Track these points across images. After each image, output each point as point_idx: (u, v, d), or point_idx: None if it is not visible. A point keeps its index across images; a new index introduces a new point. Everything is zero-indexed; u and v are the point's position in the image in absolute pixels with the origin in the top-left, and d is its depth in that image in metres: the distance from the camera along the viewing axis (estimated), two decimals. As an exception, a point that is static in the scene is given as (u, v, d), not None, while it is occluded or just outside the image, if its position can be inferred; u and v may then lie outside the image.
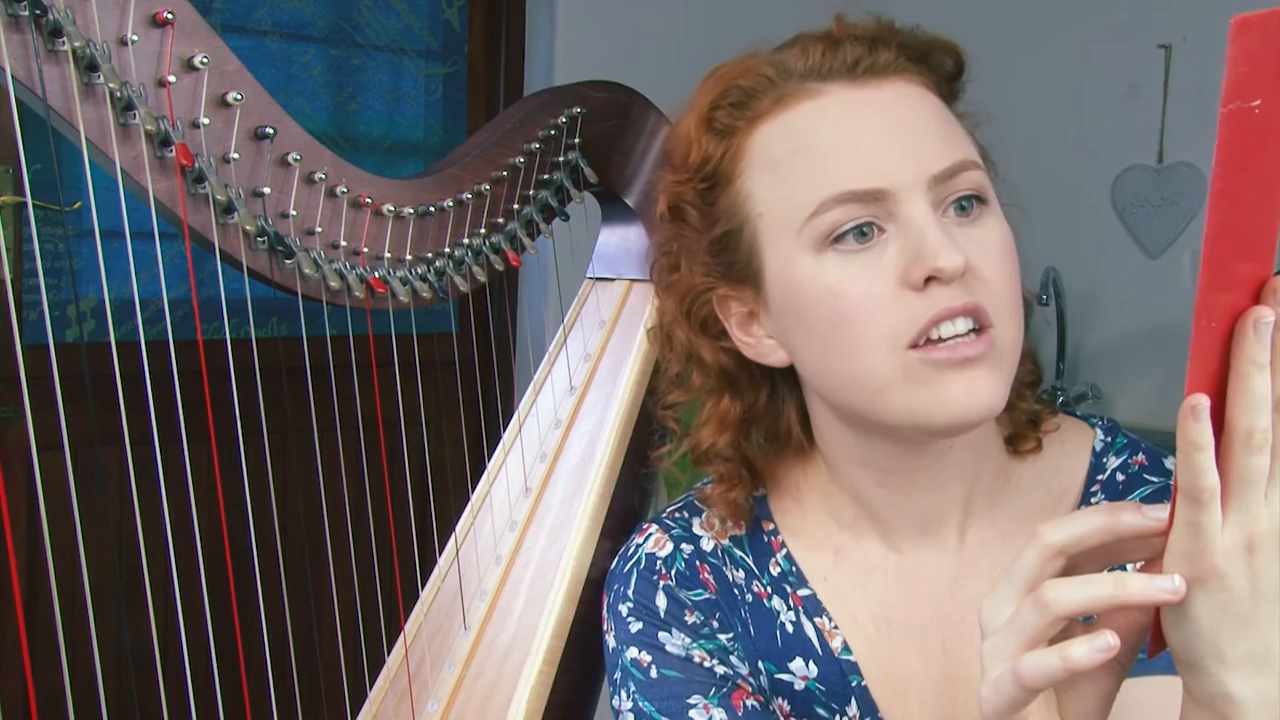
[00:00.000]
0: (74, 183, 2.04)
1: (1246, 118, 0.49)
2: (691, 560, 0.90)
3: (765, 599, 0.88)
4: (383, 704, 0.97)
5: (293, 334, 0.91)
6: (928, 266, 0.74)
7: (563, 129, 1.05)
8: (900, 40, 0.81)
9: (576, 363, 1.12)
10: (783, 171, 0.79)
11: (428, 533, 1.05)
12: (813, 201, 0.77)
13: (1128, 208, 2.73)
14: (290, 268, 0.87)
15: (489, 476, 1.09)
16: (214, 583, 0.85)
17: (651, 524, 0.93)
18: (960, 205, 0.78)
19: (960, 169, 0.77)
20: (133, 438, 0.76)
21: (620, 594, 0.90)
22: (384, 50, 2.63)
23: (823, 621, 0.86)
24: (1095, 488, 0.88)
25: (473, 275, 1.00)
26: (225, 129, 0.81)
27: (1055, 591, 0.58)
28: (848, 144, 0.77)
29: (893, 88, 0.79)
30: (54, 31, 0.71)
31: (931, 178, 0.76)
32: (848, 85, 0.79)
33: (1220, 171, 0.51)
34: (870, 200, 0.76)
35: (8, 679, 2.07)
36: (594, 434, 1.05)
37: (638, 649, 0.88)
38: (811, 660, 0.86)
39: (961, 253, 0.74)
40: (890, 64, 0.79)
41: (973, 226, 0.78)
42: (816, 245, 0.77)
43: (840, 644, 0.86)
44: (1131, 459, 0.89)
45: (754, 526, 0.90)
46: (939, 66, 0.82)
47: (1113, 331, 2.76)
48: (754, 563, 0.89)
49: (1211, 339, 0.56)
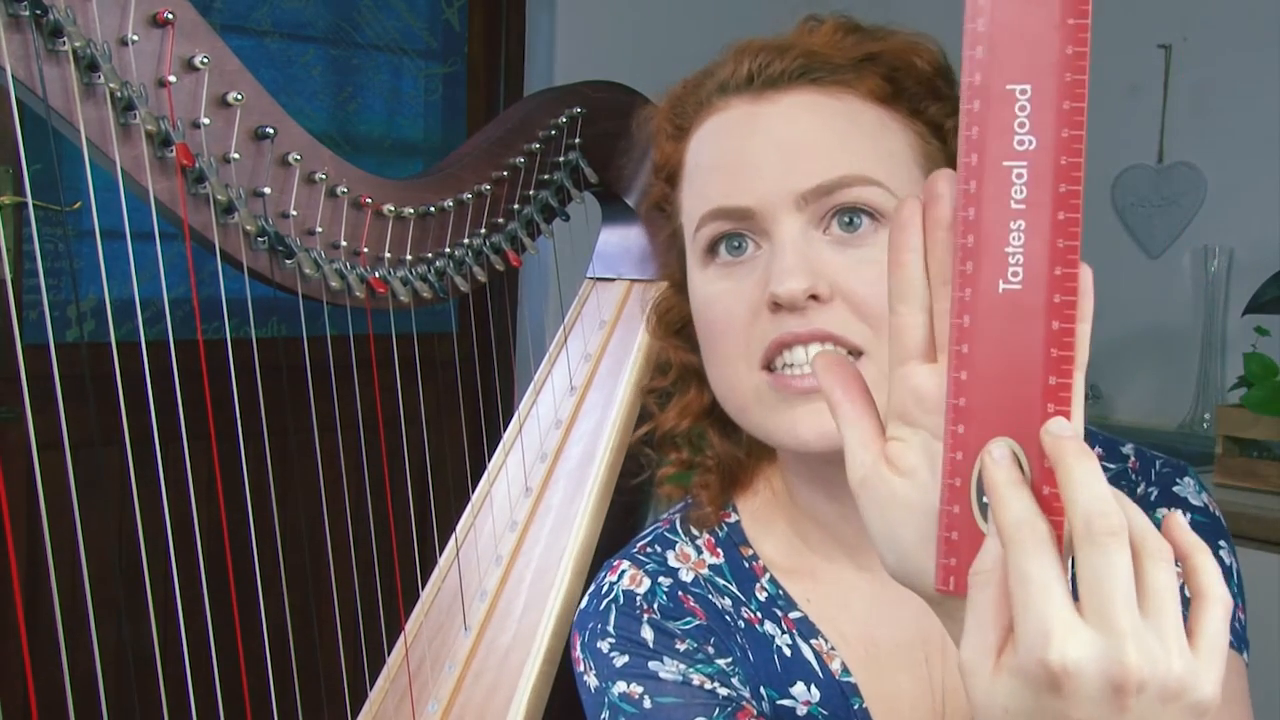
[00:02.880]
0: (74, 183, 2.04)
1: None
2: (673, 592, 0.85)
3: (757, 624, 0.84)
4: (383, 704, 0.97)
5: (293, 334, 0.91)
6: (771, 289, 0.73)
7: (563, 129, 1.05)
8: (811, 49, 0.77)
9: (577, 363, 1.12)
10: (688, 183, 0.80)
11: (428, 532, 1.05)
12: (695, 215, 0.78)
13: (1128, 208, 2.73)
14: (291, 268, 0.87)
15: (489, 476, 1.09)
16: (214, 582, 0.85)
17: (622, 560, 0.88)
18: (845, 220, 0.75)
19: (838, 185, 0.74)
20: (133, 437, 0.76)
21: (598, 631, 0.84)
22: (384, 50, 2.63)
23: (819, 643, 0.83)
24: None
25: (473, 275, 1.00)
26: (226, 129, 0.81)
27: None
28: (724, 160, 0.77)
29: (789, 100, 0.77)
30: (54, 31, 0.71)
31: (800, 195, 0.74)
32: (747, 100, 0.78)
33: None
34: (739, 217, 0.76)
35: (8, 679, 2.07)
36: (594, 434, 1.05)
37: (626, 683, 0.82)
38: (813, 684, 0.83)
39: (807, 278, 0.73)
40: (785, 75, 0.77)
41: (856, 245, 0.75)
42: (701, 258, 0.78)
43: (839, 665, 0.83)
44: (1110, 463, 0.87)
45: (732, 554, 0.87)
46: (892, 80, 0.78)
47: (1112, 331, 2.76)
48: (739, 590, 0.86)
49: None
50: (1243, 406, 2.15)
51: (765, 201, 0.75)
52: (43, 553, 0.82)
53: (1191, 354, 2.59)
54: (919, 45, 0.80)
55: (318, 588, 1.12)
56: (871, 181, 0.75)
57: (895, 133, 0.78)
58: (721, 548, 0.87)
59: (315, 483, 1.01)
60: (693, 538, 0.88)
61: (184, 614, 0.85)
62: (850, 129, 0.76)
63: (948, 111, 0.80)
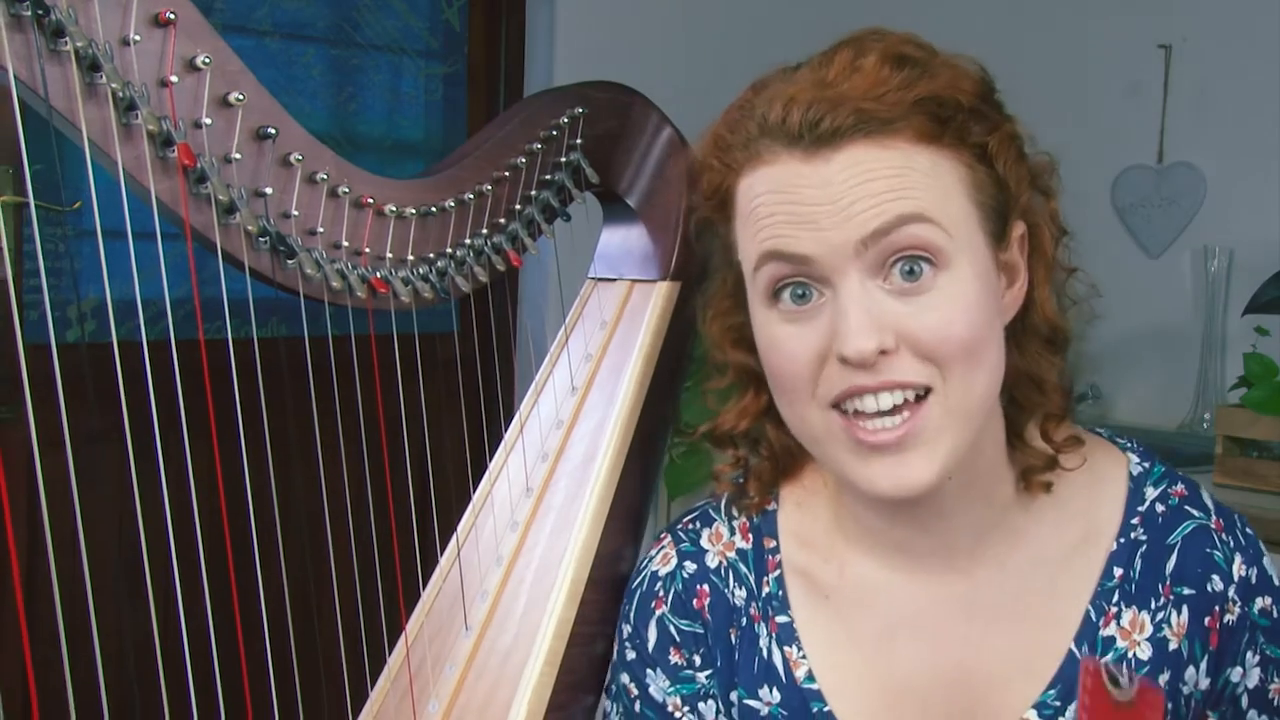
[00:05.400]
0: (75, 183, 2.04)
1: None
2: (691, 583, 0.92)
3: (756, 622, 0.90)
4: (384, 704, 0.97)
5: (294, 334, 0.91)
6: (838, 348, 0.76)
7: (564, 129, 1.05)
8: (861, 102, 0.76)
9: (578, 363, 1.12)
10: (742, 222, 0.82)
11: (428, 532, 1.05)
12: (753, 255, 0.80)
13: (1128, 208, 2.73)
14: (292, 268, 0.87)
15: (490, 476, 1.09)
16: (215, 582, 0.85)
17: (667, 534, 0.95)
18: (906, 269, 0.76)
19: (896, 225, 0.75)
20: (134, 437, 0.76)
21: (625, 614, 0.95)
22: (384, 50, 2.63)
23: (791, 650, 0.88)
24: (1136, 520, 0.87)
25: (474, 275, 1.00)
26: (227, 129, 0.81)
27: None
28: (777, 210, 0.78)
29: (841, 158, 0.76)
30: (56, 31, 0.71)
31: (859, 242, 0.75)
32: (798, 157, 0.77)
33: None
34: (798, 262, 0.77)
35: (8, 676, 2.07)
36: (595, 434, 1.05)
37: (628, 677, 0.93)
38: (775, 687, 0.88)
39: (874, 337, 0.75)
40: (837, 133, 0.76)
41: (917, 295, 0.77)
42: (764, 300, 0.80)
43: (804, 673, 0.87)
44: (1171, 489, 0.88)
45: (759, 542, 0.92)
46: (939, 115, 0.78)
47: (1113, 331, 2.76)
48: (754, 581, 0.91)
49: None
50: (1243, 406, 2.15)
51: (824, 251, 0.76)
52: (43, 552, 0.82)
53: (1191, 354, 2.59)
54: (963, 74, 0.80)
55: (319, 587, 1.12)
56: (927, 220, 0.76)
57: (946, 169, 0.78)
58: (753, 533, 0.92)
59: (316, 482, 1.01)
60: (731, 518, 0.93)
61: (185, 614, 0.85)
62: (903, 174, 0.76)
63: (990, 128, 0.80)
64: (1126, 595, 0.85)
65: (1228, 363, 2.54)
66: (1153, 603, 0.84)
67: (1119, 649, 0.84)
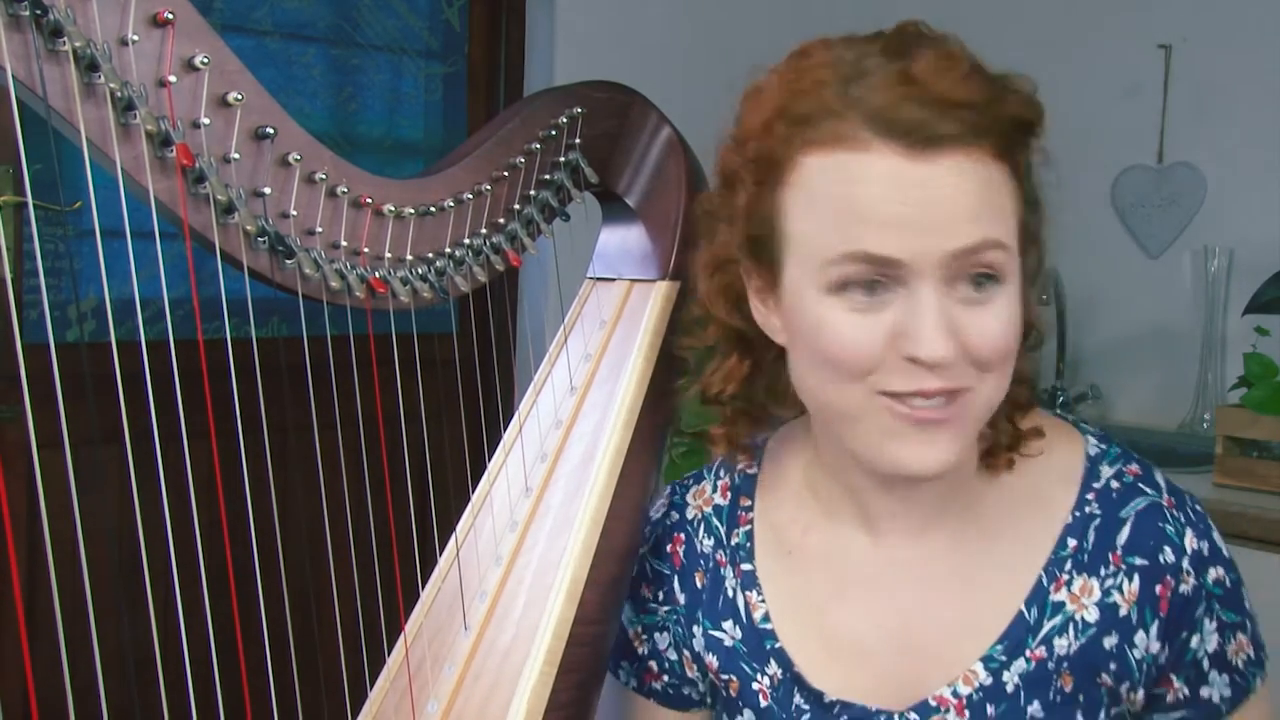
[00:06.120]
0: (74, 182, 2.04)
1: None
2: (669, 530, 1.04)
3: (722, 566, 1.00)
4: (383, 704, 0.97)
5: (293, 334, 0.91)
6: (911, 350, 0.78)
7: (563, 129, 1.05)
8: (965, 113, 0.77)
9: (577, 363, 1.12)
10: (818, 208, 0.81)
11: (428, 532, 1.05)
12: (834, 251, 0.79)
13: (1128, 208, 2.73)
14: (291, 268, 0.87)
15: (489, 476, 1.09)
16: (214, 582, 0.85)
17: (671, 484, 1.07)
18: (976, 284, 0.80)
19: (982, 248, 0.78)
20: (133, 437, 0.76)
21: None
22: (384, 50, 2.63)
23: (751, 595, 0.98)
24: (1090, 495, 0.91)
25: (473, 275, 1.00)
26: (226, 129, 0.81)
27: None
28: (880, 210, 0.78)
29: (945, 163, 0.77)
30: (54, 31, 0.71)
31: (950, 255, 0.78)
32: (901, 154, 0.77)
33: None
34: (883, 264, 0.78)
35: (8, 679, 2.07)
36: (594, 434, 1.05)
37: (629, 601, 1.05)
38: (737, 624, 0.98)
39: (950, 341, 0.78)
40: (945, 139, 0.77)
41: (982, 307, 0.80)
42: (828, 287, 0.81)
43: (761, 615, 0.97)
44: (1125, 468, 0.92)
45: (734, 500, 1.01)
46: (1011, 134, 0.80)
47: (1113, 331, 2.76)
48: (724, 532, 1.01)
49: None
50: (1243, 406, 2.15)
51: (917, 258, 0.78)
52: (43, 552, 0.82)
53: (1191, 354, 2.59)
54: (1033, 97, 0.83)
55: (318, 587, 1.12)
56: (1002, 245, 0.80)
57: (1010, 188, 0.81)
58: (731, 492, 1.02)
59: (315, 482, 1.01)
60: (718, 478, 1.03)
61: (184, 613, 0.85)
62: (987, 192, 0.79)
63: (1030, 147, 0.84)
64: (1079, 564, 0.90)
65: (1228, 363, 2.54)
66: (1102, 570, 0.89)
67: (1067, 611, 0.89)
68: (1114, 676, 0.89)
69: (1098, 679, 0.89)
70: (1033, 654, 0.89)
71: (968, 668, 0.89)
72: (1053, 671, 0.88)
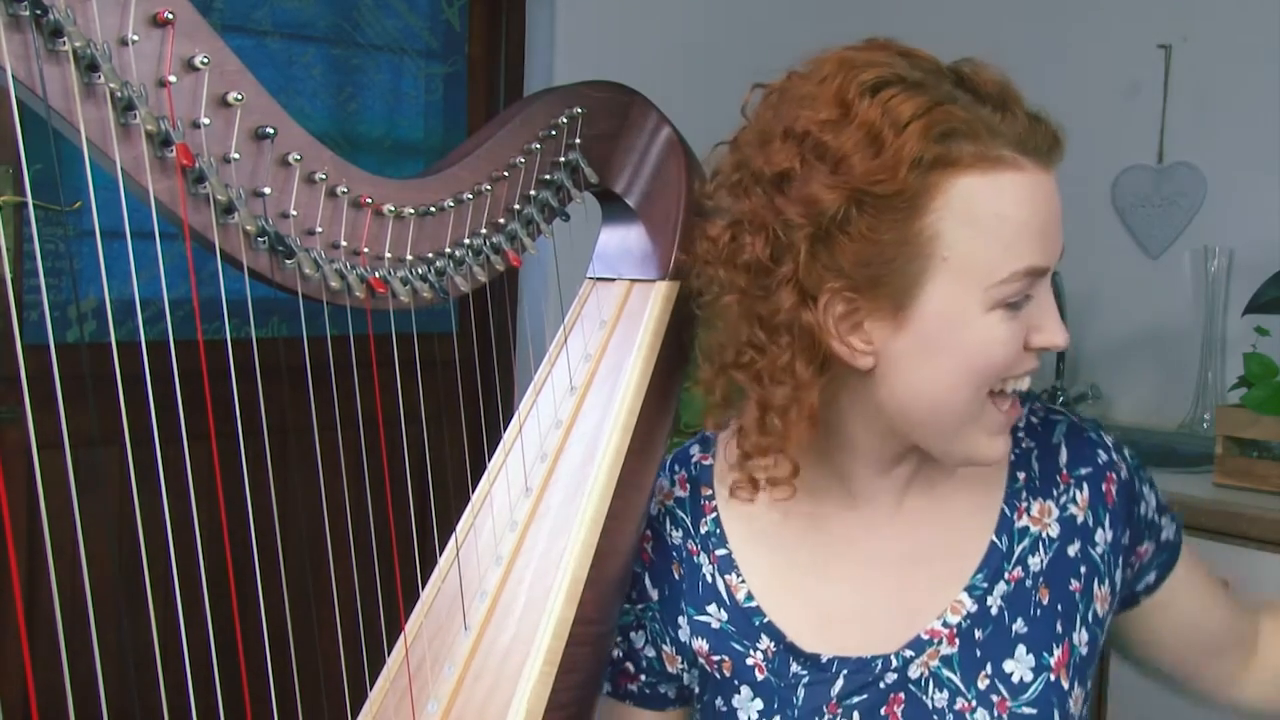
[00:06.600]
0: (74, 183, 2.04)
1: None
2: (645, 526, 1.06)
3: (695, 555, 1.05)
4: (383, 704, 0.97)
5: (293, 334, 0.91)
6: (1047, 341, 0.89)
7: (563, 129, 1.05)
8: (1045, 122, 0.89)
9: (577, 363, 1.12)
10: (982, 231, 0.86)
11: (428, 532, 1.05)
12: (1005, 269, 0.86)
13: (1128, 208, 2.73)
14: (291, 268, 0.87)
15: (489, 476, 1.09)
16: (214, 582, 0.85)
17: None
18: None
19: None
20: (133, 438, 0.76)
21: None
22: (384, 50, 2.63)
23: (731, 578, 1.03)
24: (1021, 434, 1.04)
25: (473, 275, 1.00)
26: (226, 129, 0.81)
27: None
28: (1036, 223, 0.87)
29: (1054, 172, 0.89)
30: (54, 31, 0.71)
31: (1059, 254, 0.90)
32: (1039, 167, 0.88)
33: None
34: (1041, 274, 0.88)
35: (8, 679, 2.07)
36: (594, 434, 1.05)
37: None
38: (721, 608, 1.03)
39: None
40: (1056, 151, 0.89)
41: None
42: (990, 305, 0.87)
43: (744, 594, 1.02)
44: (1034, 405, 1.06)
45: (695, 492, 1.07)
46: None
47: (1113, 331, 2.76)
48: (691, 523, 1.06)
49: None
50: (1243, 406, 2.15)
51: (1052, 263, 0.89)
52: (43, 553, 0.82)
53: (1191, 354, 2.59)
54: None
55: (318, 587, 1.12)
56: None
57: None
58: (690, 484, 1.08)
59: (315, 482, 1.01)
60: (674, 472, 1.09)
61: (184, 613, 0.85)
62: None
63: None
64: (1032, 490, 1.02)
65: (1228, 363, 2.54)
66: (1054, 491, 1.02)
67: (1033, 533, 1.00)
68: (1084, 579, 1.00)
69: (1069, 586, 0.99)
70: (1011, 575, 0.99)
71: (954, 599, 0.98)
72: (1031, 588, 0.98)
